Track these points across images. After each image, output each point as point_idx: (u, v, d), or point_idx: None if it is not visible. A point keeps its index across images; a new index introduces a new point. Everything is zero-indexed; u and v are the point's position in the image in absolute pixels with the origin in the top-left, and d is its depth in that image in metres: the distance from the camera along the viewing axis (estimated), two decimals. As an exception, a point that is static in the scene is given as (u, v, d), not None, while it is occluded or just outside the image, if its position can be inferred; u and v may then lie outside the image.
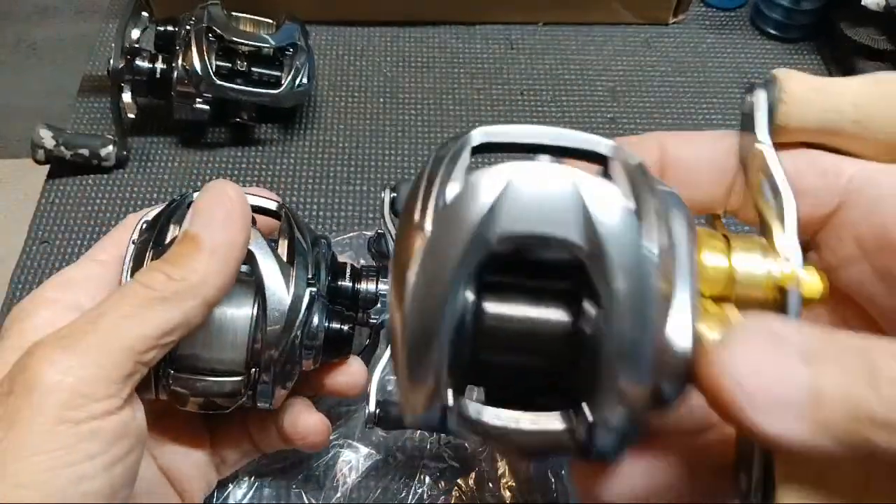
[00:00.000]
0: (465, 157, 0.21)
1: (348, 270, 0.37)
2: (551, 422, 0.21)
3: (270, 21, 0.56)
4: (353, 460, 0.42)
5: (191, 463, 0.36)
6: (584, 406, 0.20)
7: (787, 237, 0.22)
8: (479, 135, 0.22)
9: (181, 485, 0.35)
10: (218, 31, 0.53)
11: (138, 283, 0.27)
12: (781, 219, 0.22)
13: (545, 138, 0.22)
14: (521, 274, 0.22)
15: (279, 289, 0.32)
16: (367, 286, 0.37)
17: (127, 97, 0.53)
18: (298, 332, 0.33)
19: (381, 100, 0.61)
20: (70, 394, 0.24)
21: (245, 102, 0.55)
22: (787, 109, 0.22)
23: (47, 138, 0.54)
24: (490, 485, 0.41)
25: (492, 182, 0.20)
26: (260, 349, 0.32)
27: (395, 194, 0.36)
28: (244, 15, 0.56)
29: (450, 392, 0.20)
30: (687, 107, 0.61)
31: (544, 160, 0.21)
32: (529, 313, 0.22)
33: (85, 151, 0.54)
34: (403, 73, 0.63)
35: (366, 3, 0.65)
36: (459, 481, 0.41)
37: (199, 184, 0.56)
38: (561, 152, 0.22)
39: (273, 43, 0.54)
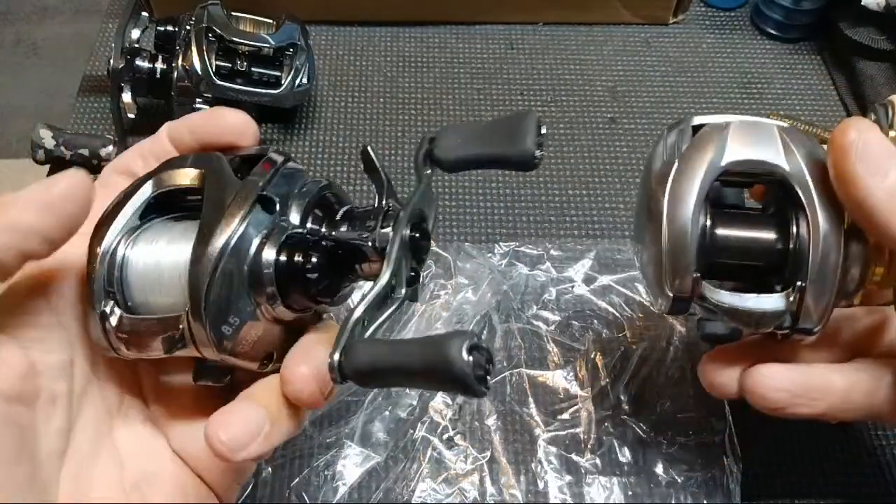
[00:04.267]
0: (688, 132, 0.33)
1: (341, 212, 0.31)
2: (769, 300, 0.31)
3: (270, 21, 0.56)
4: (353, 461, 0.41)
5: (205, 445, 0.31)
6: (799, 283, 0.30)
7: None
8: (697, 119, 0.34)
9: (199, 470, 0.32)
10: (218, 30, 0.53)
11: None
12: None
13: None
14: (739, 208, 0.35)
15: (218, 213, 0.27)
16: (348, 228, 0.30)
17: (127, 97, 0.53)
18: (234, 263, 0.27)
19: (381, 100, 0.61)
20: None
21: (245, 102, 0.55)
22: None
23: (47, 138, 0.54)
24: (492, 488, 0.41)
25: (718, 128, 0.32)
26: (191, 283, 0.27)
27: (430, 145, 0.32)
28: (244, 15, 0.56)
29: (698, 279, 0.31)
30: (687, 107, 0.61)
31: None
32: (747, 234, 0.33)
33: (85, 151, 0.54)
34: (403, 73, 0.63)
35: (366, 2, 0.65)
36: (462, 484, 0.41)
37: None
38: None
39: (273, 43, 0.54)
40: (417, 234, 0.30)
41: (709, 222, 0.32)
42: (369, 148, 0.32)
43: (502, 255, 0.50)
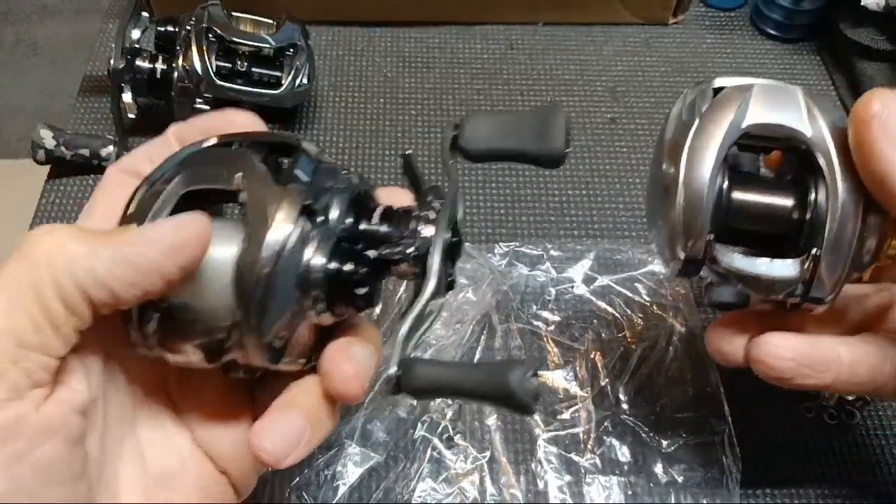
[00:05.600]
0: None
1: (378, 212, 0.30)
2: (783, 266, 0.31)
3: (270, 21, 0.56)
4: (353, 460, 0.41)
5: (229, 439, 0.31)
6: (815, 251, 0.30)
7: None
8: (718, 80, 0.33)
9: (222, 465, 0.31)
10: (218, 31, 0.53)
11: None
12: None
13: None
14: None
15: (263, 219, 0.27)
16: (387, 228, 0.29)
17: (127, 97, 0.53)
18: (285, 274, 0.27)
19: (382, 100, 0.61)
20: None
21: (245, 103, 0.55)
22: None
23: (48, 138, 0.54)
24: (492, 488, 0.41)
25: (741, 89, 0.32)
26: (243, 293, 0.27)
27: (456, 133, 0.31)
28: (244, 15, 0.56)
29: (711, 242, 0.31)
30: (687, 107, 0.61)
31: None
32: (765, 199, 0.32)
33: (85, 152, 0.54)
34: (403, 73, 0.63)
35: (366, 3, 0.65)
36: (462, 484, 0.41)
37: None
38: None
39: (273, 43, 0.54)
40: (454, 238, 0.30)
41: (726, 184, 0.31)
42: (410, 153, 0.33)
43: (502, 255, 0.50)
